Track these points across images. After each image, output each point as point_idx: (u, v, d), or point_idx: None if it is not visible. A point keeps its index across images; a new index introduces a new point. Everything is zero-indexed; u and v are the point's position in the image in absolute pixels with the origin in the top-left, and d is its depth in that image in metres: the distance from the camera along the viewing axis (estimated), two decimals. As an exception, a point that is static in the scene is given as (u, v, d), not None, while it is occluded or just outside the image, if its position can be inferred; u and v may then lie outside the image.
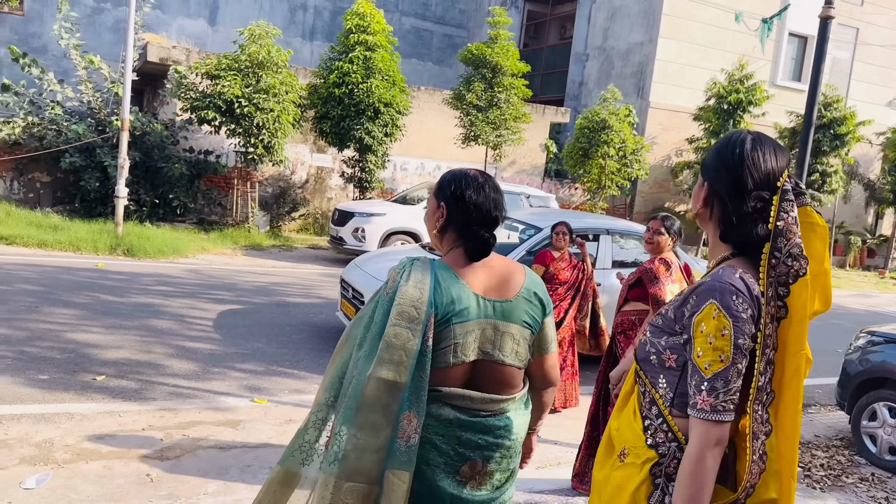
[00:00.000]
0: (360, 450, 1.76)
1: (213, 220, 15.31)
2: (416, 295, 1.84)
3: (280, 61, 13.67)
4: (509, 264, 2.02)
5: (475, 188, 1.98)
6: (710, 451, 1.43)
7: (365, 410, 1.77)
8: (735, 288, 1.46)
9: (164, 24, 24.26)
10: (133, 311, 7.29)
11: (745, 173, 1.52)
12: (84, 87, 14.22)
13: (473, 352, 1.88)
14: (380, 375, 1.78)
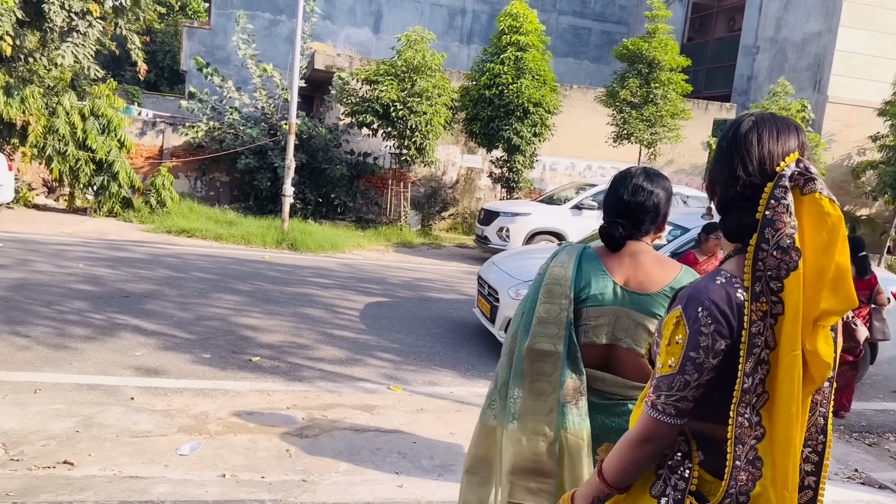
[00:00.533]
0: (532, 412, 2.00)
1: (370, 219, 16.08)
2: (560, 273, 2.05)
3: (434, 65, 14.08)
4: (663, 261, 2.09)
5: (618, 180, 2.14)
6: (640, 443, 1.45)
7: (529, 378, 2.01)
8: (707, 299, 1.39)
9: (332, 34, 25.76)
10: (290, 299, 7.85)
11: (734, 158, 1.44)
12: (258, 93, 15.48)
13: (606, 336, 2.00)
14: (536, 346, 2.00)
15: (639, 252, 2.07)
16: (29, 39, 12.44)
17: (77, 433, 3.97)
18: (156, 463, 3.72)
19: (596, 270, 2.03)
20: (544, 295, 2.03)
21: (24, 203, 13.07)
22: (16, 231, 10.59)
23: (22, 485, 3.30)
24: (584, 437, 1.98)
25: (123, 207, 13.05)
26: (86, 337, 5.76)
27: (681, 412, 1.42)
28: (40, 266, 8.24)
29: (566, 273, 2.04)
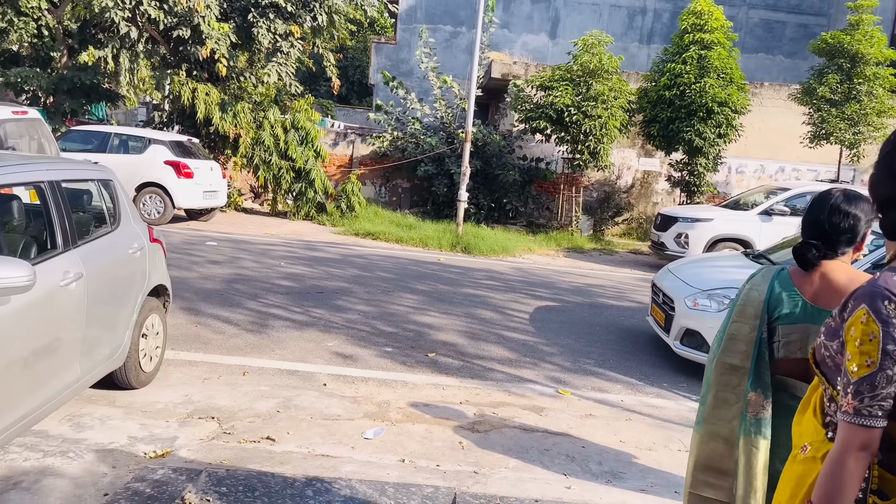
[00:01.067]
0: (715, 418, 2.22)
1: (541, 223, 16.16)
2: (754, 295, 2.26)
3: (611, 68, 13.88)
4: (854, 278, 2.19)
5: (817, 201, 2.27)
6: (851, 455, 1.41)
7: (716, 387, 2.23)
8: (888, 292, 1.39)
9: (510, 42, 26.13)
10: (463, 300, 8.16)
11: (894, 157, 1.46)
12: (438, 104, 16.17)
13: (800, 351, 2.18)
14: (725, 360, 2.23)
15: (831, 270, 2.20)
16: (240, 60, 13.98)
17: (278, 413, 4.45)
18: (344, 444, 4.09)
19: (788, 290, 2.22)
20: (737, 314, 2.24)
21: (234, 207, 14.70)
22: (228, 231, 11.95)
23: (233, 455, 3.79)
24: (760, 446, 2.16)
25: (318, 211, 14.24)
26: (286, 327, 6.41)
27: (885, 412, 1.41)
28: (248, 263, 9.25)
29: (759, 295, 2.23)
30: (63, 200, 3.73)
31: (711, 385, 2.26)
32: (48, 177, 3.72)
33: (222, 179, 13.00)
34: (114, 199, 4.50)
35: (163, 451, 3.76)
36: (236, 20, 13.50)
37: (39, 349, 3.36)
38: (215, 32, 12.73)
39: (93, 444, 3.74)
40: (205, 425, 4.16)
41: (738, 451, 2.18)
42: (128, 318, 4.30)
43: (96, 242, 4.07)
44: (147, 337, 4.60)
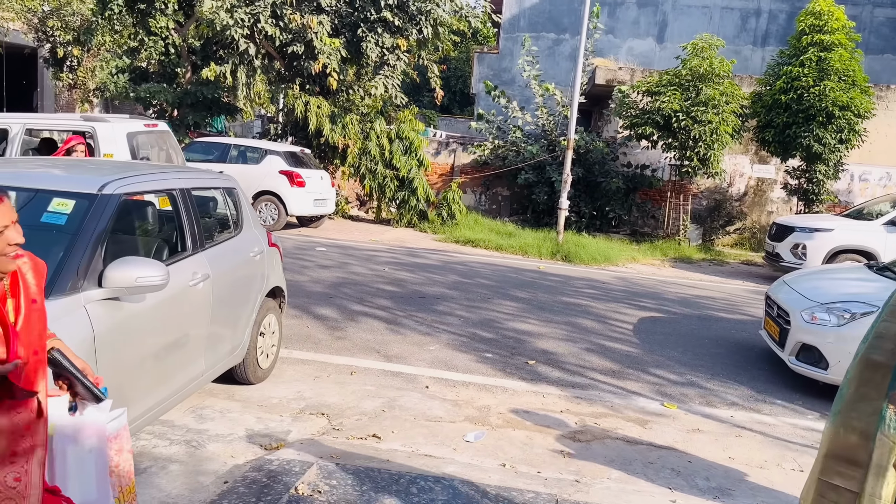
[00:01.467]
0: (853, 411, 2.22)
1: (646, 232, 15.76)
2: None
3: (722, 72, 13.41)
4: None
5: None
6: None
7: (857, 382, 2.23)
8: None
9: (615, 48, 25.68)
10: (564, 308, 8.10)
11: None
12: (540, 112, 16.14)
13: None
14: (870, 357, 2.22)
15: None
16: (349, 73, 14.51)
17: (383, 412, 4.60)
18: (446, 446, 4.18)
19: None
20: (888, 314, 2.22)
21: (341, 214, 15.24)
22: (335, 238, 12.41)
23: (342, 450, 3.96)
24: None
25: (420, 219, 14.53)
26: (390, 330, 6.60)
27: None
28: (354, 268, 9.58)
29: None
30: (192, 207, 4.03)
31: (852, 380, 2.27)
32: (179, 185, 4.04)
33: (331, 188, 13.52)
34: (237, 206, 4.81)
35: (277, 443, 3.97)
36: (346, 35, 14.04)
37: (170, 344, 3.65)
38: (327, 48, 13.29)
39: (214, 435, 4.01)
40: (315, 421, 4.37)
41: (874, 445, 2.18)
42: (248, 317, 4.58)
43: (221, 246, 4.37)
44: (264, 335, 4.87)
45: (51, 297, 2.87)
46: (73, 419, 2.10)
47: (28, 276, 1.96)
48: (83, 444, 2.09)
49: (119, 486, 2.20)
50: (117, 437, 2.23)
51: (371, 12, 13.59)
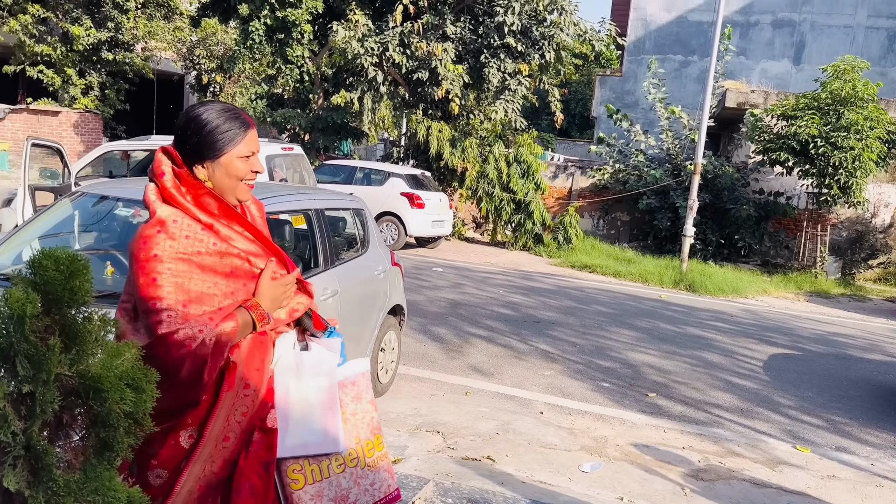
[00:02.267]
0: None
1: (778, 263, 14.90)
2: None
3: (866, 95, 12.54)
4: None
5: None
6: None
7: None
8: None
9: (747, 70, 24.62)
10: (687, 340, 7.79)
11: None
12: (665, 135, 15.72)
13: None
14: None
15: None
16: (469, 98, 14.79)
17: (497, 435, 4.61)
18: (561, 474, 4.13)
19: None
20: None
21: (458, 236, 15.47)
22: (452, 259, 12.60)
23: (456, 468, 4.00)
24: None
25: (535, 242, 14.49)
26: (504, 353, 6.62)
27: None
28: (469, 289, 9.68)
29: None
30: (325, 226, 4.25)
31: None
32: (314, 205, 4.28)
33: (449, 210, 13.77)
34: (364, 226, 5.02)
35: (395, 457, 4.08)
36: (470, 61, 14.34)
37: (300, 355, 3.84)
38: (450, 74, 13.62)
39: (337, 444, 4.17)
40: (431, 438, 4.44)
41: None
42: (370, 332, 4.74)
43: (349, 263, 4.57)
44: (385, 351, 5.03)
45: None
46: (298, 353, 1.95)
47: (252, 208, 1.98)
48: (306, 382, 1.92)
49: (357, 436, 2.01)
50: (354, 384, 2.05)
51: (494, 38, 13.82)
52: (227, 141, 1.81)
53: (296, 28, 14.92)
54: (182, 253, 1.72)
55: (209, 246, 1.77)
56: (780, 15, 24.35)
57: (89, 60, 17.51)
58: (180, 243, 1.72)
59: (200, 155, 1.81)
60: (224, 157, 1.81)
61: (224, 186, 1.84)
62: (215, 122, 1.81)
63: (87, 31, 16.75)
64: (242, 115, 1.88)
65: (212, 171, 1.82)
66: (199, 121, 1.81)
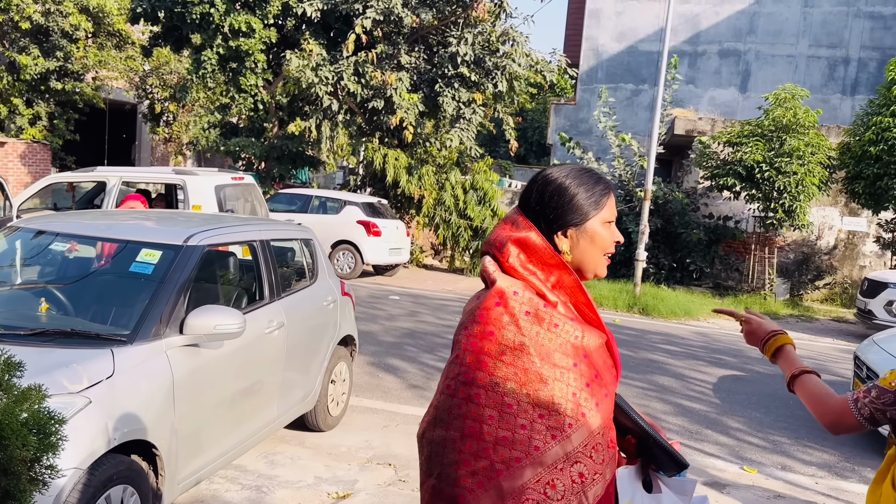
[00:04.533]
0: None
1: (729, 286, 15.24)
2: None
3: (807, 122, 13.01)
4: None
5: None
6: None
7: None
8: None
9: (696, 98, 25.36)
10: (639, 365, 7.89)
11: None
12: (617, 162, 16.03)
13: None
14: None
15: None
16: (426, 127, 14.91)
17: (449, 465, 4.58)
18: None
19: None
20: None
21: (416, 263, 15.46)
22: (409, 286, 12.58)
23: (407, 502, 3.96)
24: None
25: (493, 269, 14.54)
26: (458, 382, 6.60)
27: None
28: (426, 317, 9.66)
29: None
30: (271, 257, 4.22)
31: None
32: (260, 236, 4.24)
33: (406, 237, 13.77)
34: (313, 256, 4.99)
35: (344, 492, 4.02)
36: (424, 90, 14.48)
37: (244, 390, 3.78)
38: (405, 103, 13.73)
39: (283, 481, 4.09)
40: (382, 471, 4.39)
41: None
42: (320, 364, 4.69)
43: (297, 295, 4.53)
44: (335, 383, 4.97)
45: (135, 343, 3.05)
46: (646, 496, 1.54)
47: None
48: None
49: None
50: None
51: (448, 68, 14.00)
52: (591, 204, 1.55)
53: (249, 57, 14.90)
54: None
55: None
56: (725, 45, 25.20)
57: (37, 90, 17.18)
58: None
59: (563, 222, 1.54)
60: (590, 222, 1.54)
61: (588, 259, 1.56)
62: (575, 185, 1.55)
63: (35, 61, 16.46)
64: (603, 178, 1.62)
65: (575, 240, 1.55)
66: (557, 183, 1.55)
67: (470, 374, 1.43)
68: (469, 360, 1.44)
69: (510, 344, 1.43)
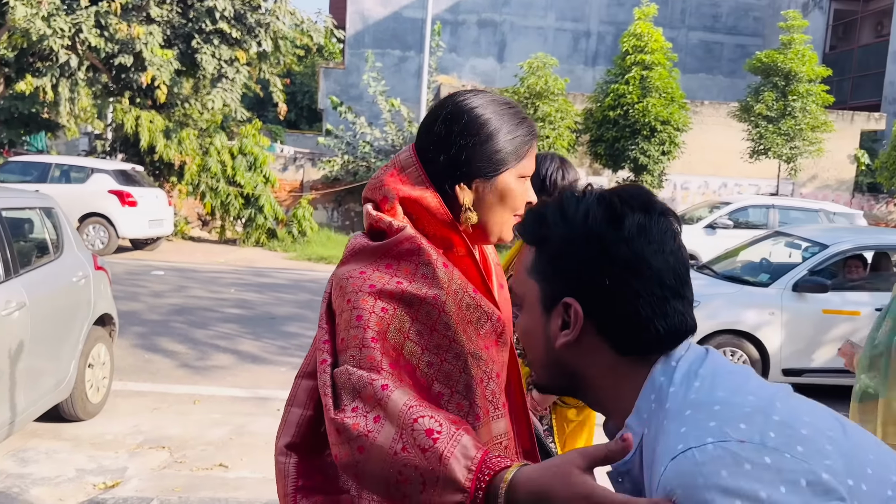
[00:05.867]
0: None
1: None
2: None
3: (556, 90, 14.19)
4: None
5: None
6: None
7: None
8: None
9: (458, 66, 26.48)
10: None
11: None
12: (388, 127, 16.25)
13: None
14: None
15: None
16: (184, 87, 13.81)
17: (230, 440, 4.36)
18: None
19: None
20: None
21: (181, 235, 14.41)
22: (174, 261, 11.69)
23: (185, 483, 3.69)
24: None
25: (269, 238, 14.06)
26: (237, 355, 6.29)
27: None
28: (196, 292, 9.07)
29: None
30: (3, 229, 3.62)
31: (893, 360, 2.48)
32: (-15, 204, 3.61)
33: (168, 207, 12.74)
34: (56, 228, 4.38)
35: (112, 481, 3.64)
36: (180, 47, 13.36)
37: (-23, 383, 3.23)
38: (157, 59, 12.56)
39: (39, 478, 3.61)
40: (156, 455, 4.05)
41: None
42: (73, 347, 4.17)
43: (39, 271, 3.95)
44: (93, 367, 4.46)
45: None
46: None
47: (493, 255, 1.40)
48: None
49: None
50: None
51: (206, 23, 13.04)
52: (509, 152, 1.23)
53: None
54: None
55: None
56: (483, 15, 26.53)
57: None
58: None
59: (470, 170, 1.22)
60: (505, 174, 1.23)
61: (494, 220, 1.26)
62: (495, 122, 1.22)
63: None
64: (528, 120, 1.27)
65: (481, 194, 1.23)
66: (473, 116, 1.21)
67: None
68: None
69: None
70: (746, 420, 0.76)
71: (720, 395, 0.81)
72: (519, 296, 0.99)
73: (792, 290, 5.63)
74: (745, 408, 0.78)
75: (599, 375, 0.92)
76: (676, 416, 0.81)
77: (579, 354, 0.91)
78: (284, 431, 1.31)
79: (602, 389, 0.93)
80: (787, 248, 6.88)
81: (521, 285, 0.98)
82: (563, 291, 0.90)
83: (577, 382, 0.95)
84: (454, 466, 0.95)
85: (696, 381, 0.84)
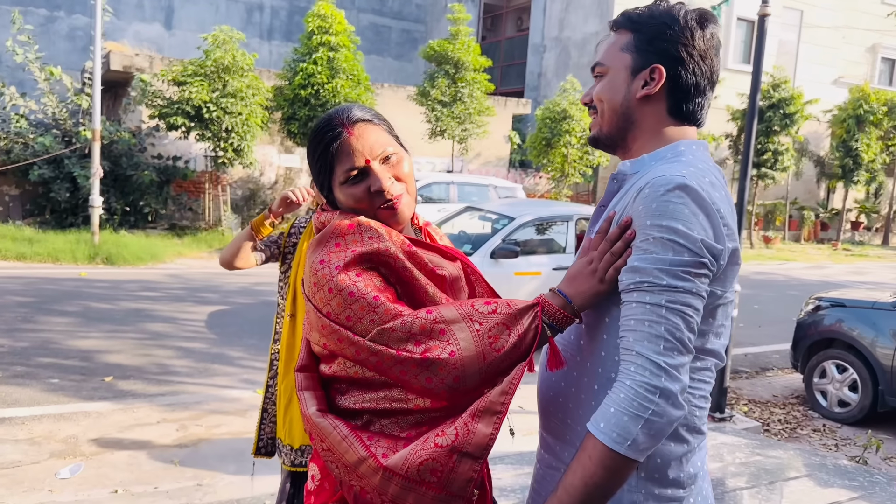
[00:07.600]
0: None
1: (185, 225, 15.43)
2: None
3: (245, 65, 13.86)
4: None
5: None
6: None
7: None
8: None
9: (120, 31, 24.06)
10: (126, 316, 7.53)
11: None
12: (47, 99, 14.21)
13: None
14: None
15: None
16: None
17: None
18: (38, 490, 3.63)
19: None
20: None
21: None
22: None
23: None
24: None
25: None
26: None
27: None
28: None
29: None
30: None
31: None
32: None
33: None
34: None
35: None
36: None
37: None
38: None
39: None
40: None
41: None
42: None
43: None
44: None
45: None
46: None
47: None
48: None
49: None
50: None
51: None
52: (324, 168, 1.45)
53: None
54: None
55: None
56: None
57: None
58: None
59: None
60: (336, 190, 1.45)
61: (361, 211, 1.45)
62: (311, 143, 1.47)
63: None
64: (334, 119, 1.42)
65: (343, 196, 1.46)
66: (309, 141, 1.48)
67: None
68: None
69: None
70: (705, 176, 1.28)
71: (701, 165, 1.31)
72: (607, 66, 1.39)
73: (490, 256, 6.56)
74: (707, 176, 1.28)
75: (648, 128, 1.36)
76: (668, 164, 1.30)
77: (646, 106, 1.35)
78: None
79: (641, 139, 1.38)
80: (480, 221, 7.89)
81: (612, 59, 1.38)
82: (653, 60, 1.33)
83: (628, 130, 1.38)
84: (519, 302, 1.31)
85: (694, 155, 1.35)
